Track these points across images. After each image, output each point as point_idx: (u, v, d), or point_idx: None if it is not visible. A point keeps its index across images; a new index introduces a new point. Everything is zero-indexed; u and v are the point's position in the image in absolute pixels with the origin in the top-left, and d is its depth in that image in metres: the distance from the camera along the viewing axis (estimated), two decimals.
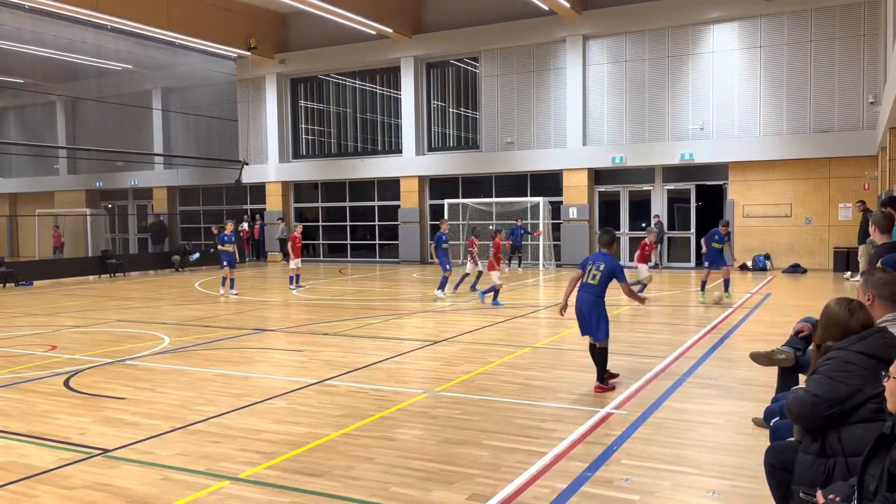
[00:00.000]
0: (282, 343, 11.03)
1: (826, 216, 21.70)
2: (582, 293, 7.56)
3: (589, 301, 7.47)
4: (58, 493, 4.92)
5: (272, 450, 5.73)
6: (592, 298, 7.47)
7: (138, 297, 17.67)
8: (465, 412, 6.76)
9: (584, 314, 7.52)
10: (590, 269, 7.56)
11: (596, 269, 7.49)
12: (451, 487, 4.88)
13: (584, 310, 7.50)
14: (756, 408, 6.40)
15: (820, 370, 3.57)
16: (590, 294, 7.48)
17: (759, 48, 22.04)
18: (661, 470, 5.15)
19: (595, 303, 7.46)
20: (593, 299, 7.47)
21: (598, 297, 7.48)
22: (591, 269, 7.54)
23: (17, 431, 6.39)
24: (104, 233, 34.20)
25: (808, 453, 3.52)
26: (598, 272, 7.47)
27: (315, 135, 30.51)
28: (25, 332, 12.41)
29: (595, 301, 7.47)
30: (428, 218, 27.65)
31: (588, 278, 7.52)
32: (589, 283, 7.50)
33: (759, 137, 22.08)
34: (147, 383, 8.21)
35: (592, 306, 7.46)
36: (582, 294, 7.56)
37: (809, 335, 5.71)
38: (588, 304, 7.47)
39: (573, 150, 24.42)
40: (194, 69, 28.46)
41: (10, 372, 9.01)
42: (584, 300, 7.51)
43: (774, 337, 9.53)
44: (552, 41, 24.68)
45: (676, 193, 24.08)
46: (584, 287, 7.56)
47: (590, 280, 7.50)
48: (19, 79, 28.57)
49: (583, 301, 7.52)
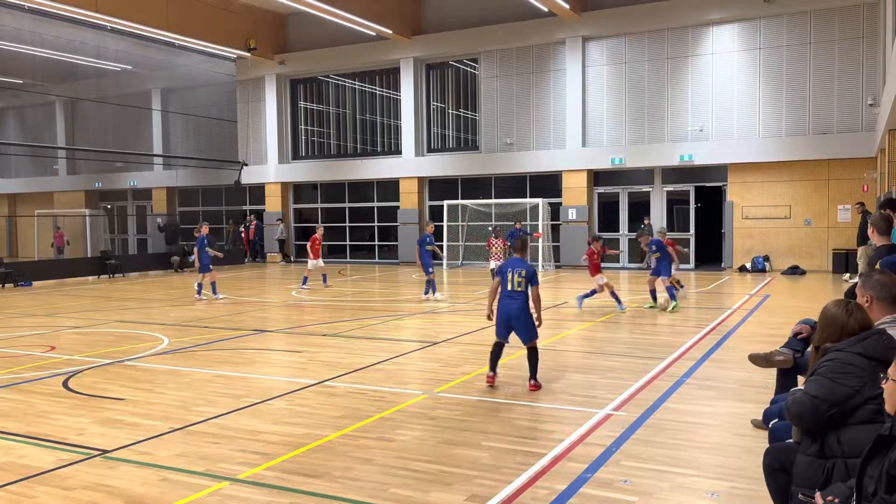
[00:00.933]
0: (281, 344, 11.02)
1: (825, 218, 21.72)
2: (507, 300, 7.76)
3: (518, 306, 7.70)
4: (57, 494, 4.91)
5: (271, 451, 5.73)
6: (521, 304, 7.71)
7: (137, 298, 17.66)
8: (465, 413, 6.76)
9: (514, 318, 7.70)
10: (511, 276, 7.75)
11: (519, 276, 7.71)
12: (450, 489, 4.88)
13: (513, 314, 7.70)
14: (755, 409, 6.41)
15: (819, 372, 3.58)
16: (517, 300, 7.71)
17: (758, 50, 22.06)
18: (660, 471, 5.15)
19: (524, 307, 7.72)
20: (522, 304, 7.71)
21: (525, 301, 7.74)
22: (513, 276, 7.73)
23: (16, 432, 6.38)
24: (103, 233, 34.19)
25: (807, 454, 3.52)
26: (521, 279, 7.71)
27: (314, 136, 30.51)
28: (24, 332, 12.40)
29: (523, 306, 7.72)
30: (427, 219, 27.62)
31: (513, 286, 7.72)
32: (515, 291, 7.72)
33: (759, 139, 22.10)
34: (146, 384, 8.21)
35: (522, 311, 7.70)
36: (508, 300, 7.75)
37: (808, 337, 5.71)
38: (518, 309, 7.70)
39: (572, 151, 24.43)
40: (194, 70, 28.47)
41: (10, 372, 9.00)
42: (512, 306, 7.72)
43: (773, 338, 9.54)
44: (552, 42, 24.69)
45: (676, 195, 24.09)
46: (509, 294, 7.76)
47: (516, 287, 7.71)
48: (19, 79, 28.58)
49: (511, 307, 7.72)
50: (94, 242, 31.87)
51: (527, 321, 7.73)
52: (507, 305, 7.75)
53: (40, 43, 24.27)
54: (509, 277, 7.74)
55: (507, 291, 7.75)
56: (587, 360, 9.30)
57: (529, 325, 7.74)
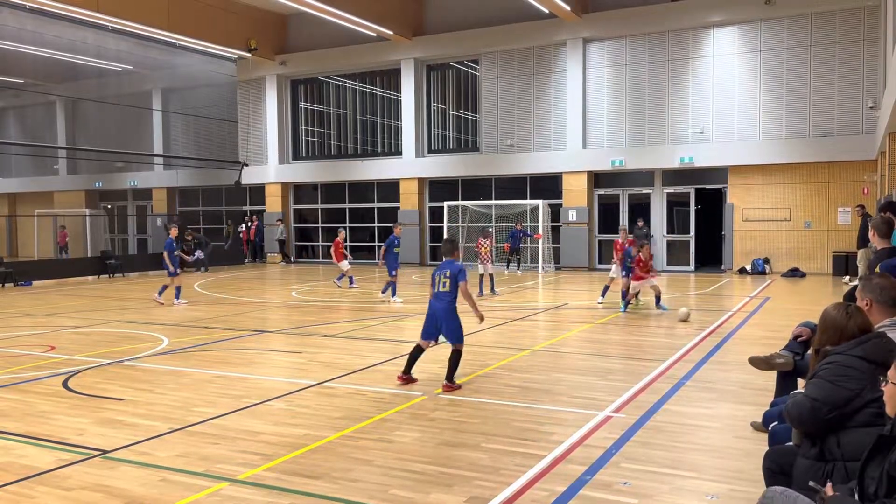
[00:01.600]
0: (281, 345, 11.02)
1: (825, 220, 21.73)
2: (435, 301, 7.93)
3: (443, 308, 7.85)
4: (56, 494, 4.91)
5: (271, 451, 5.73)
6: (446, 305, 7.86)
7: (137, 298, 17.66)
8: (464, 415, 6.76)
9: (438, 320, 7.85)
10: (438, 279, 7.94)
11: (444, 277, 7.90)
12: (450, 490, 4.89)
13: (439, 315, 7.85)
14: (754, 412, 6.41)
15: (819, 374, 3.58)
16: (443, 301, 7.87)
17: (759, 52, 22.07)
18: (659, 473, 5.15)
19: (448, 309, 7.87)
20: (446, 306, 7.86)
21: (451, 303, 7.89)
22: (440, 277, 7.93)
23: (16, 432, 6.38)
24: (103, 233, 34.20)
25: (806, 457, 3.52)
26: (446, 279, 7.88)
27: (315, 136, 30.52)
28: (24, 332, 12.40)
29: (448, 307, 7.86)
30: (427, 220, 27.66)
31: (439, 287, 7.91)
32: (442, 291, 7.89)
33: (759, 141, 22.11)
34: (146, 384, 8.21)
35: (448, 312, 7.85)
36: (436, 303, 7.91)
37: (808, 339, 5.71)
38: (443, 311, 7.84)
39: (573, 152, 24.44)
40: (194, 70, 28.48)
41: (9, 372, 9.00)
42: (438, 308, 7.87)
43: (773, 341, 9.54)
44: (552, 44, 24.71)
45: (676, 197, 24.10)
46: (437, 296, 7.92)
47: (441, 288, 7.89)
48: (20, 79, 28.59)
49: (438, 308, 7.87)
50: (94, 242, 31.89)
51: (454, 326, 7.84)
52: (433, 306, 7.93)
53: (41, 43, 24.29)
54: (436, 280, 7.95)
55: (435, 293, 7.94)
56: (587, 361, 9.30)
57: (454, 326, 7.85)
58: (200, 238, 26.77)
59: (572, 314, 13.99)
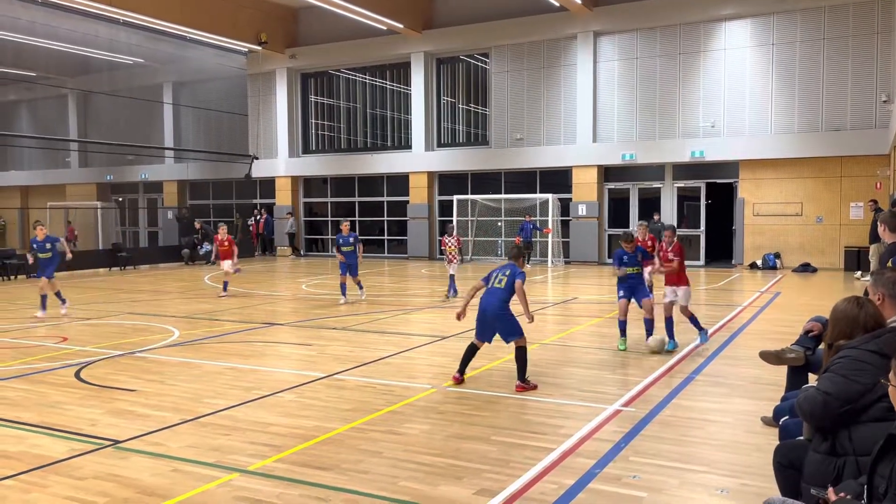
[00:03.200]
0: (290, 337, 11.06)
1: (837, 215, 21.58)
2: (487, 296, 7.69)
3: (493, 304, 7.58)
4: (69, 483, 4.96)
5: (281, 443, 5.77)
6: (496, 301, 7.58)
7: (148, 290, 17.76)
8: (474, 408, 6.77)
9: (487, 318, 7.60)
10: (496, 276, 7.71)
11: (503, 276, 7.67)
12: (459, 482, 4.90)
13: (488, 313, 7.60)
14: (765, 406, 6.39)
15: (832, 368, 3.56)
16: (494, 297, 7.60)
17: (771, 45, 21.91)
18: (669, 467, 5.14)
19: (499, 306, 7.58)
20: (497, 302, 7.58)
21: (503, 301, 7.59)
22: (498, 276, 7.70)
23: (30, 422, 6.44)
24: (115, 226, 34.39)
25: (818, 452, 3.51)
26: (504, 277, 7.65)
27: (325, 130, 30.54)
28: (37, 323, 12.50)
29: (499, 304, 7.58)
30: (437, 214, 27.64)
31: (494, 283, 7.67)
32: (496, 287, 7.65)
33: (771, 135, 21.96)
34: (157, 375, 8.26)
35: (498, 310, 7.56)
36: (487, 297, 7.68)
37: (819, 334, 5.68)
38: (492, 308, 7.57)
39: (583, 146, 24.36)
40: (205, 63, 28.55)
41: (23, 363, 9.08)
42: (488, 304, 7.62)
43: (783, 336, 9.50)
44: (563, 37, 24.61)
45: (686, 191, 23.99)
46: (489, 291, 7.68)
47: (496, 284, 7.66)
48: (32, 72, 28.74)
49: (487, 304, 7.63)
50: (105, 235, 32.07)
51: (503, 321, 7.57)
52: (483, 303, 7.68)
53: (53, 36, 24.40)
54: (493, 277, 7.71)
55: (489, 289, 7.69)
56: (596, 355, 9.29)
57: (507, 324, 7.57)
58: (208, 230, 26.86)
59: (581, 308, 13.97)
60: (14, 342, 10.65)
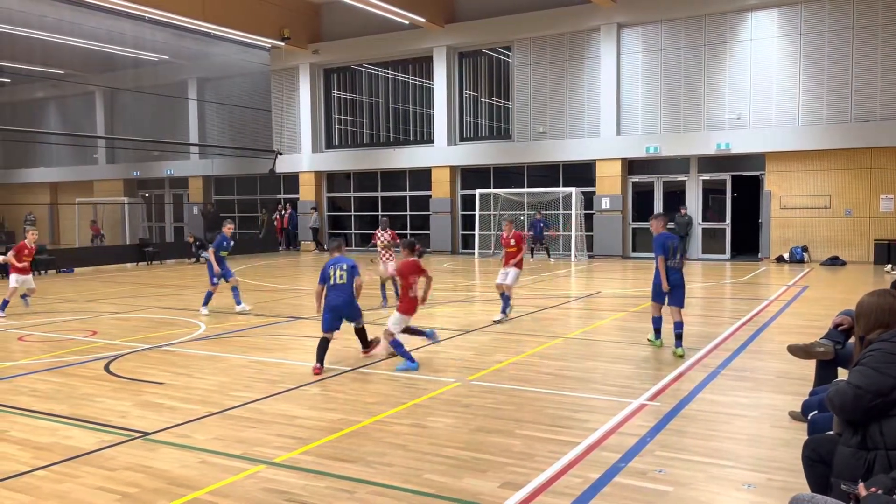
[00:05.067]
0: (315, 331, 11.10)
1: (866, 208, 21.23)
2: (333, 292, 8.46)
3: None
4: (100, 474, 5.05)
5: (307, 435, 5.81)
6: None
7: (174, 285, 17.97)
8: (498, 401, 6.78)
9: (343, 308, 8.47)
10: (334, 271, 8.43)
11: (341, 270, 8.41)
12: (484, 475, 4.91)
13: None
14: (792, 401, 6.32)
15: (863, 362, 3.52)
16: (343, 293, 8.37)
17: (799, 35, 21.58)
18: (694, 462, 5.11)
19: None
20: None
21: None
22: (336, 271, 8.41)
23: (61, 414, 6.56)
24: (141, 221, 34.84)
25: (848, 446, 3.47)
26: (343, 272, 8.42)
27: (348, 125, 30.66)
28: (67, 317, 12.71)
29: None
30: (459, 208, 27.65)
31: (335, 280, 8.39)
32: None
33: (798, 127, 21.65)
34: (184, 369, 8.37)
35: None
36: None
37: (849, 328, 5.60)
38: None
39: (607, 139, 24.20)
40: (229, 59, 28.78)
41: (53, 356, 9.25)
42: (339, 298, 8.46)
43: (811, 330, 9.38)
44: (586, 30, 24.44)
45: (712, 184, 23.73)
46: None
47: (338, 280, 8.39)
48: (60, 69, 29.15)
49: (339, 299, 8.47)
50: (132, 230, 32.49)
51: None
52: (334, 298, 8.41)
53: (80, 34, 24.72)
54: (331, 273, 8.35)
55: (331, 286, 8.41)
56: (620, 349, 9.24)
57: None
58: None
59: (605, 302, 13.90)
60: (45, 336, 10.84)
